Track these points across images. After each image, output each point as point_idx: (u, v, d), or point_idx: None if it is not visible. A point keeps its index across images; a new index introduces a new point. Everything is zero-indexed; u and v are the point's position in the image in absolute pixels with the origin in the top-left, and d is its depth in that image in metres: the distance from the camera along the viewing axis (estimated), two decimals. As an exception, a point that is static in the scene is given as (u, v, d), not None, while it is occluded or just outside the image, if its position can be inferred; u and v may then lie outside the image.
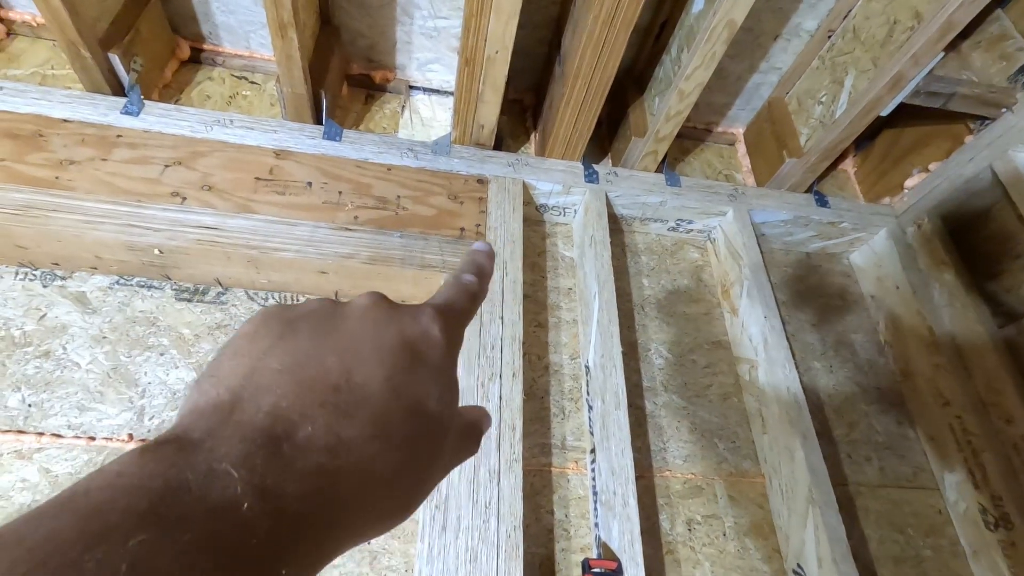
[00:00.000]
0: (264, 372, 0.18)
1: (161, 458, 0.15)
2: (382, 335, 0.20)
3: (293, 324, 0.20)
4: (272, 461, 0.16)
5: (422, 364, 0.20)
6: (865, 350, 0.88)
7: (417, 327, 0.21)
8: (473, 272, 0.26)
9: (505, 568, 0.53)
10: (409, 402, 0.19)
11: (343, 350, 0.19)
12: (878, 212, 0.93)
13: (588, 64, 0.70)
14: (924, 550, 0.73)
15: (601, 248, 0.77)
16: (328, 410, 0.18)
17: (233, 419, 0.17)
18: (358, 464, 0.18)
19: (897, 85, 0.73)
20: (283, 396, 0.17)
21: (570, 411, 0.73)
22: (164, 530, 0.14)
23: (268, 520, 0.15)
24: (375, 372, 0.19)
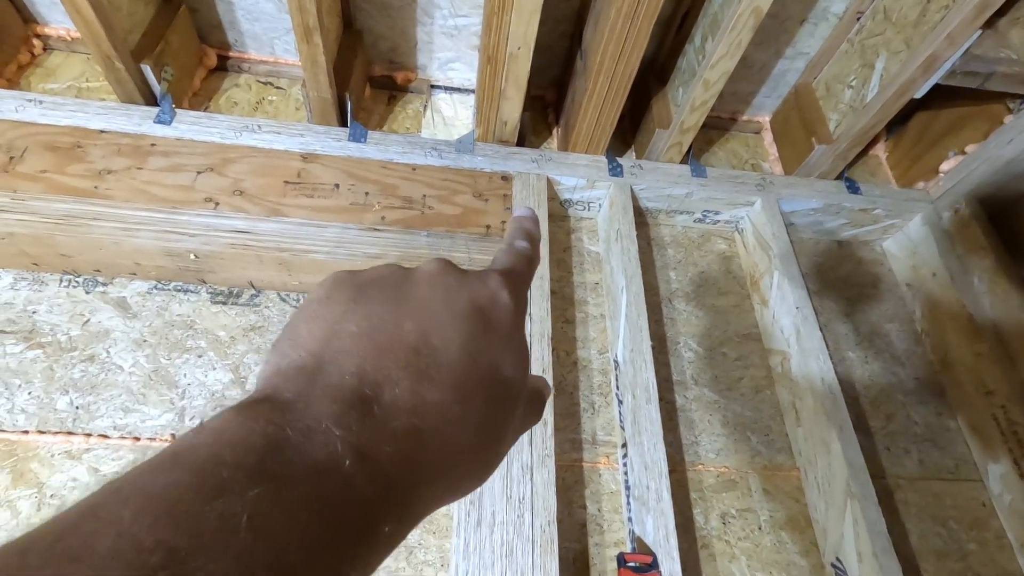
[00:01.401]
0: (343, 336, 0.18)
1: (258, 416, 0.15)
2: (455, 300, 0.20)
3: (364, 289, 0.20)
4: (365, 421, 0.16)
5: (495, 329, 0.20)
6: (901, 340, 0.86)
7: (487, 291, 0.21)
8: (524, 238, 0.26)
9: (540, 562, 0.53)
10: (486, 367, 0.20)
11: (418, 315, 0.19)
12: (912, 197, 0.90)
13: (611, 57, 0.70)
14: (968, 544, 0.71)
15: (627, 242, 0.77)
16: (411, 372, 0.18)
17: (320, 381, 0.17)
18: (442, 426, 0.18)
19: (931, 66, 0.71)
20: (365, 359, 0.18)
21: (600, 406, 0.72)
22: (275, 485, 0.14)
23: (366, 479, 0.15)
24: (452, 336, 0.19)
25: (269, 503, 0.14)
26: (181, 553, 0.12)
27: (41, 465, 0.59)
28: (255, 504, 0.13)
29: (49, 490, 0.58)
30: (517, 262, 0.24)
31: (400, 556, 0.59)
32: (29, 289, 0.69)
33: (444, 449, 0.18)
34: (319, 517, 0.14)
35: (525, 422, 0.23)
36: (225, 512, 0.13)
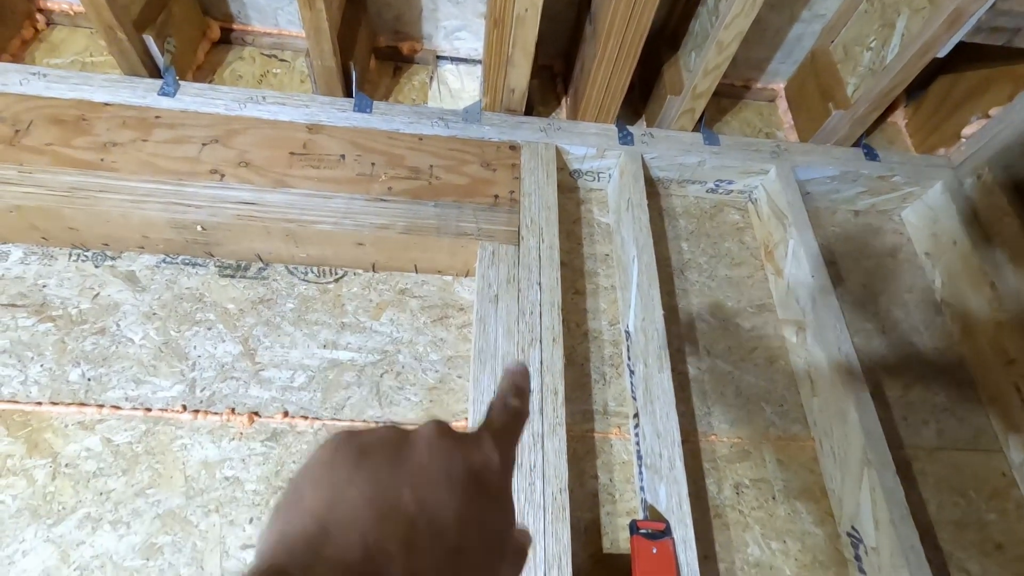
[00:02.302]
0: (346, 503, 0.19)
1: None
2: (450, 466, 0.22)
3: (365, 452, 0.21)
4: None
5: (486, 493, 0.22)
6: (920, 310, 0.84)
7: (480, 455, 0.23)
8: (515, 394, 0.27)
9: (552, 529, 0.53)
10: (477, 529, 0.21)
11: (416, 483, 0.20)
12: (933, 164, 0.87)
13: (621, 19, 0.68)
14: (988, 514, 0.70)
15: (639, 211, 0.75)
16: (408, 548, 0.19)
17: (325, 554, 0.18)
18: None
19: (956, 22, 0.68)
20: (368, 531, 0.19)
21: (611, 377, 0.72)
22: None
23: None
24: (447, 503, 0.20)
25: None
26: None
27: (55, 435, 0.60)
28: None
29: (64, 459, 0.59)
30: (508, 421, 0.25)
31: (412, 525, 0.59)
32: (39, 263, 0.69)
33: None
34: None
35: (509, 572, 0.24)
36: None
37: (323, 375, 0.67)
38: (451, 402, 0.67)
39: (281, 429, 0.63)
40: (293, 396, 0.65)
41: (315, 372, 0.67)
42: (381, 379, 0.67)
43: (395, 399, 0.66)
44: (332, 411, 0.65)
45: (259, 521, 0.58)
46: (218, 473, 0.60)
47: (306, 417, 0.64)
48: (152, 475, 0.59)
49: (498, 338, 0.63)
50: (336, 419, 0.64)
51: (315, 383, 0.66)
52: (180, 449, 0.61)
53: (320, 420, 0.64)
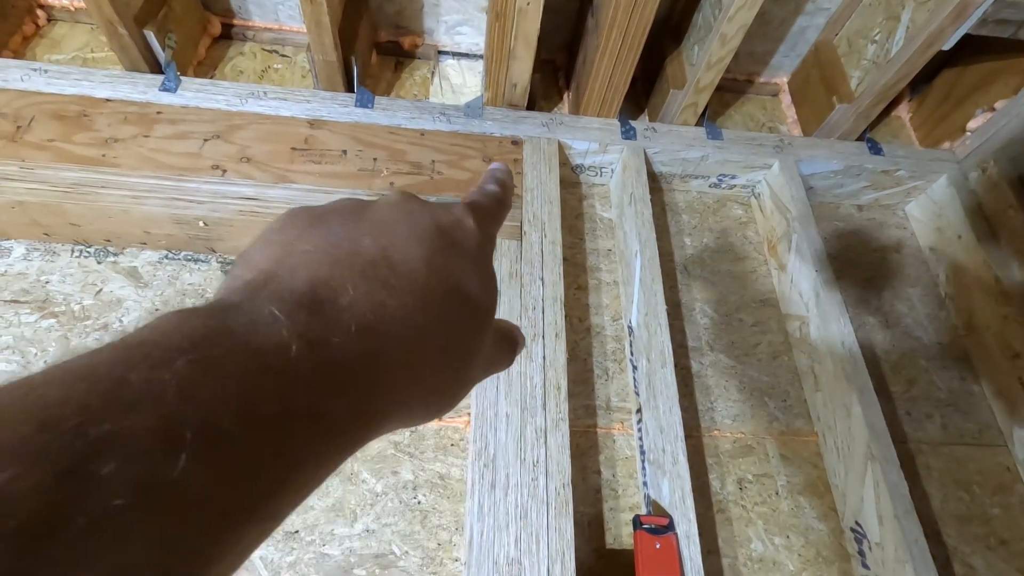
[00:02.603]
0: (296, 254, 0.17)
1: (200, 312, 0.15)
2: (416, 221, 0.20)
3: (322, 216, 0.19)
4: (316, 317, 0.15)
5: (459, 250, 0.20)
6: (924, 304, 0.84)
7: (450, 216, 0.21)
8: (495, 183, 0.26)
9: (556, 524, 0.53)
10: (451, 284, 0.19)
11: (378, 232, 0.19)
12: (937, 158, 0.87)
13: (624, 11, 0.67)
14: (992, 508, 0.70)
15: (641, 205, 0.75)
16: (369, 280, 0.17)
17: (268, 287, 0.16)
18: (403, 332, 0.17)
19: (962, 15, 0.67)
20: (319, 269, 0.17)
21: (614, 372, 0.72)
22: (210, 361, 0.13)
23: (314, 366, 0.14)
24: (413, 251, 0.19)
25: (202, 373, 0.13)
26: (94, 408, 0.11)
27: (59, 431, 0.60)
28: (186, 371, 0.12)
29: (67, 455, 0.59)
30: (486, 200, 0.24)
31: (415, 520, 0.59)
32: (41, 259, 0.69)
33: (405, 355, 0.17)
34: (259, 393, 0.13)
35: (495, 358, 0.22)
36: (151, 378, 0.12)
37: (326, 371, 0.66)
38: (454, 397, 0.67)
39: (284, 425, 0.63)
40: (296, 392, 0.65)
41: (318, 368, 0.66)
42: (384, 375, 0.67)
43: (398, 395, 0.66)
44: (335, 407, 0.64)
45: (262, 516, 0.58)
46: (221, 468, 0.60)
47: (309, 413, 0.64)
48: (156, 471, 0.59)
49: (501, 333, 0.62)
50: (339, 415, 0.64)
51: (318, 379, 0.66)
52: (183, 445, 0.61)
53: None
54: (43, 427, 0.11)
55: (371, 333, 0.16)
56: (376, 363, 0.16)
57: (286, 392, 0.14)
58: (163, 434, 0.11)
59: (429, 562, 0.57)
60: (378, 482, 0.61)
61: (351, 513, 0.59)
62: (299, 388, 0.14)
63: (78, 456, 0.10)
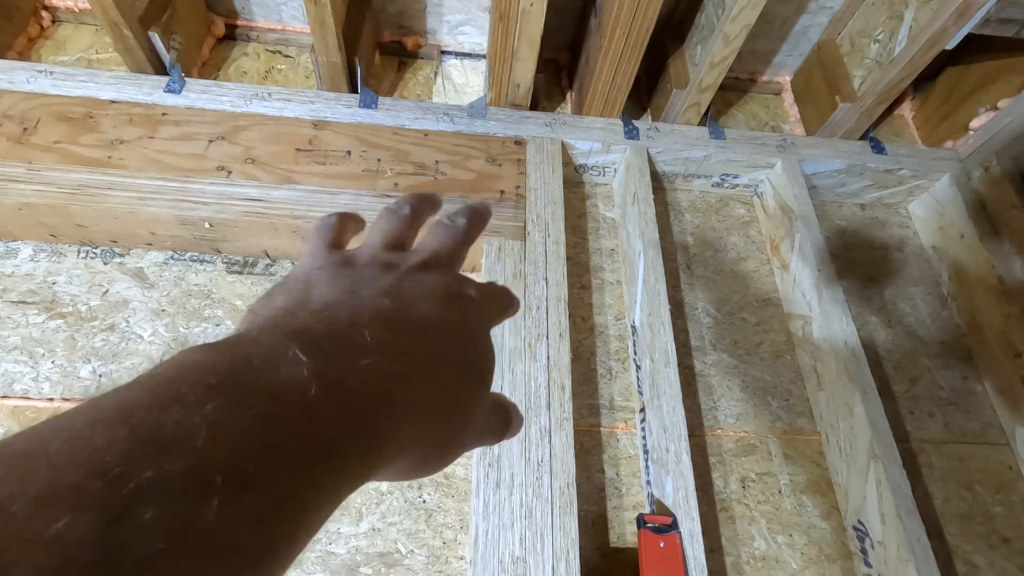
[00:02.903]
0: (317, 299, 0.19)
1: (223, 348, 0.15)
2: (432, 290, 0.21)
3: (345, 271, 0.21)
4: (334, 359, 0.16)
5: (465, 320, 0.22)
6: (927, 303, 0.84)
7: (459, 289, 0.22)
8: (464, 215, 0.27)
9: (560, 523, 0.53)
10: (459, 348, 0.21)
11: (397, 293, 0.20)
12: (940, 157, 0.87)
13: (627, 12, 0.67)
14: (994, 507, 0.70)
15: (644, 205, 0.75)
16: (385, 330, 0.18)
17: (290, 326, 0.17)
18: (414, 382, 0.18)
19: (965, 14, 0.67)
20: (339, 313, 0.18)
21: (617, 372, 0.72)
22: (236, 401, 0.13)
23: (332, 406, 0.15)
24: (429, 315, 0.20)
25: (229, 416, 0.13)
26: (136, 454, 0.12)
27: (67, 431, 0.60)
28: (214, 414, 0.13)
29: (76, 455, 0.59)
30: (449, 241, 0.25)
31: (420, 519, 0.60)
32: (48, 260, 0.69)
33: (411, 407, 0.18)
34: (280, 434, 0.14)
35: (489, 426, 0.23)
36: (183, 421, 0.13)
37: (331, 371, 0.67)
38: (458, 397, 0.67)
39: (290, 424, 0.63)
40: (301, 391, 0.65)
41: (323, 368, 0.67)
42: (388, 374, 0.68)
43: (402, 394, 0.67)
44: (340, 406, 0.65)
45: (269, 515, 0.58)
46: (228, 468, 0.60)
47: (314, 412, 0.64)
48: (163, 470, 0.59)
49: (504, 333, 0.63)
50: (344, 414, 0.64)
51: (323, 379, 0.66)
52: (190, 444, 0.61)
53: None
54: (91, 475, 0.11)
55: (385, 380, 0.17)
56: (388, 408, 0.17)
57: (305, 433, 0.14)
58: (196, 479, 0.12)
59: (434, 560, 0.58)
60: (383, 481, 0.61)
61: (357, 512, 0.59)
62: (318, 429, 0.14)
63: (124, 503, 0.11)
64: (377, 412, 0.16)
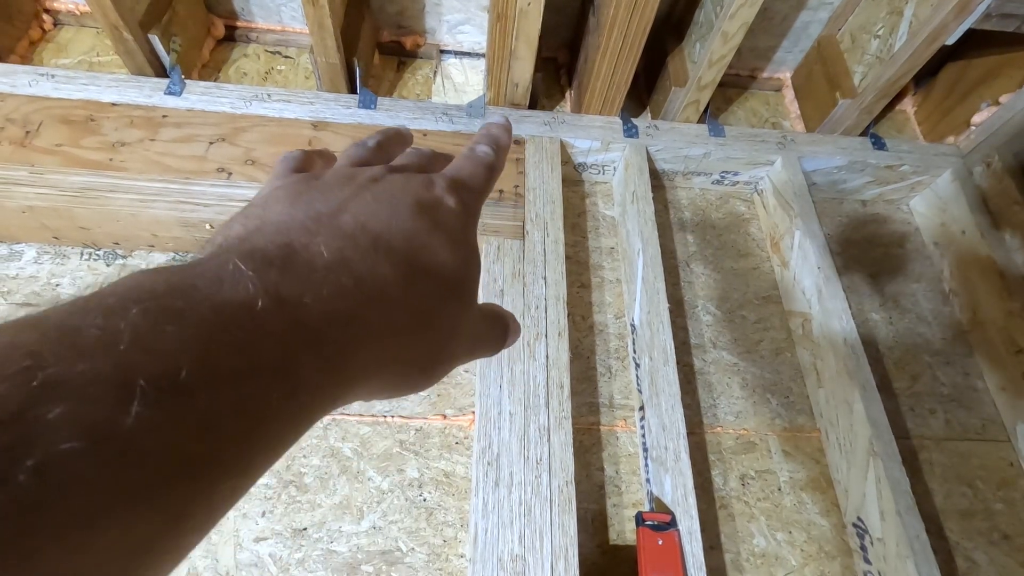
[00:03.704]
0: (273, 222, 0.18)
1: (164, 270, 0.14)
2: (398, 199, 0.20)
3: (304, 191, 0.20)
4: (287, 276, 0.15)
5: (440, 229, 0.20)
6: (928, 300, 0.84)
7: (431, 195, 0.21)
8: (489, 144, 0.25)
9: (559, 521, 0.54)
10: (430, 261, 0.19)
11: (358, 209, 0.19)
12: (942, 152, 0.87)
13: (624, 10, 0.67)
14: (995, 503, 0.70)
15: (643, 203, 0.75)
16: (346, 248, 0.17)
17: (240, 249, 0.16)
18: (380, 300, 0.17)
19: (965, 9, 0.67)
20: (294, 234, 0.17)
21: (617, 370, 0.72)
22: (170, 311, 0.13)
23: (283, 322, 0.14)
24: (393, 227, 0.19)
25: (160, 324, 0.12)
26: (45, 353, 0.11)
27: (72, 431, 0.61)
28: (142, 321, 0.12)
29: (80, 455, 0.60)
30: (474, 169, 0.24)
31: (420, 517, 0.60)
32: (52, 263, 0.70)
33: (381, 323, 0.17)
34: (221, 345, 0.13)
35: (482, 338, 0.23)
36: (104, 326, 0.12)
37: (332, 370, 0.67)
38: (458, 396, 0.68)
39: (291, 424, 0.64)
40: (302, 391, 0.66)
41: (324, 367, 0.67)
42: (389, 374, 0.68)
43: (403, 393, 0.67)
44: (341, 406, 0.65)
45: (271, 514, 0.59)
46: (230, 467, 0.61)
47: (316, 412, 0.65)
48: (166, 470, 0.60)
49: (504, 333, 0.63)
50: (345, 413, 0.65)
51: (324, 378, 0.67)
52: (193, 444, 0.62)
53: (329, 415, 0.65)
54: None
55: (345, 296, 0.16)
56: (350, 326, 0.16)
57: (250, 346, 0.14)
58: (115, 381, 0.11)
59: (435, 558, 0.58)
60: (384, 480, 0.62)
61: (358, 511, 0.60)
62: (265, 343, 0.14)
63: (24, 401, 0.10)
64: (339, 328, 0.16)
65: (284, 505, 0.60)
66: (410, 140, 0.27)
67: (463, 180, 0.23)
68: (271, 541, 0.58)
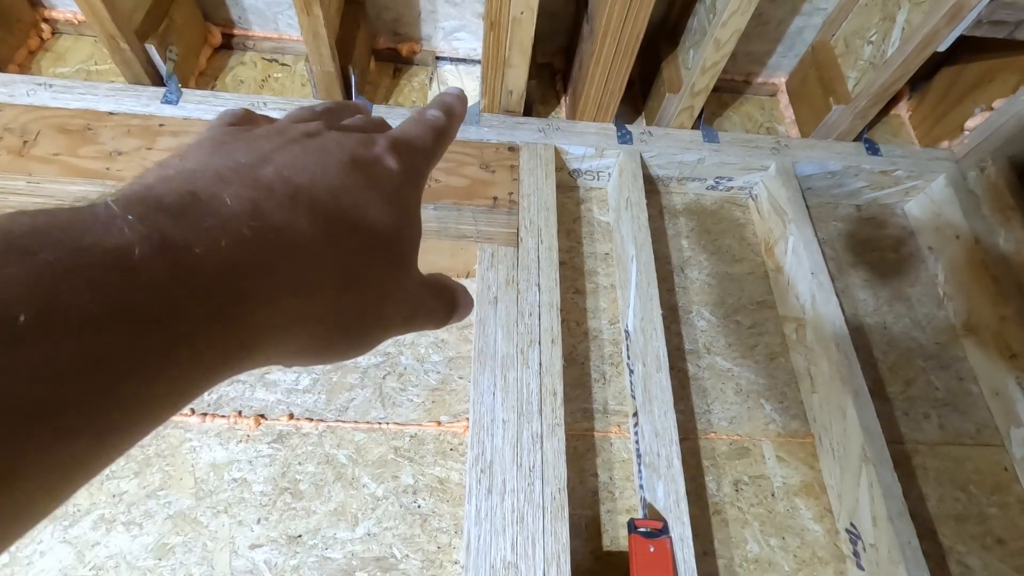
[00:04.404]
0: (184, 172, 0.16)
1: (30, 212, 0.13)
2: (329, 153, 0.19)
3: (228, 143, 0.19)
4: (178, 223, 0.14)
5: (374, 188, 0.19)
6: (922, 304, 0.84)
7: (369, 152, 0.20)
8: (440, 109, 0.24)
9: (552, 528, 0.54)
10: (357, 218, 0.18)
11: (283, 162, 0.18)
12: (936, 157, 0.87)
13: (617, 19, 0.68)
14: (989, 508, 0.70)
15: (637, 210, 0.76)
16: (262, 196, 0.16)
17: (137, 192, 0.15)
18: (294, 256, 0.16)
19: (957, 16, 0.67)
20: (199, 184, 0.16)
21: (611, 376, 0.72)
22: (18, 248, 0.12)
23: (166, 274, 0.13)
24: (319, 182, 0.18)
25: (3, 264, 0.11)
26: None
27: (69, 439, 0.61)
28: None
29: (78, 463, 0.60)
30: (421, 131, 0.23)
31: (415, 524, 0.61)
32: (50, 271, 0.70)
33: (294, 280, 0.16)
34: (77, 288, 0.12)
35: (423, 309, 0.21)
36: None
37: (327, 377, 0.68)
38: (453, 402, 0.68)
39: (287, 431, 0.64)
40: (298, 398, 0.66)
41: (319, 374, 0.68)
42: (384, 380, 0.68)
43: (398, 400, 0.67)
44: (336, 412, 0.66)
45: (266, 521, 0.59)
46: (226, 475, 0.61)
47: (311, 419, 0.65)
48: (163, 477, 0.61)
49: (497, 340, 0.64)
50: (340, 420, 0.65)
51: (319, 385, 0.67)
52: (189, 451, 0.62)
53: (324, 422, 0.65)
54: None
55: (248, 248, 0.15)
56: (253, 279, 0.15)
57: (118, 294, 0.13)
58: None
59: (429, 565, 0.59)
60: (379, 487, 0.62)
61: (352, 517, 0.60)
62: (138, 292, 0.13)
63: None
64: (238, 280, 0.15)
65: (279, 512, 0.60)
66: (366, 112, 0.26)
67: (407, 141, 0.22)
68: (266, 548, 0.58)
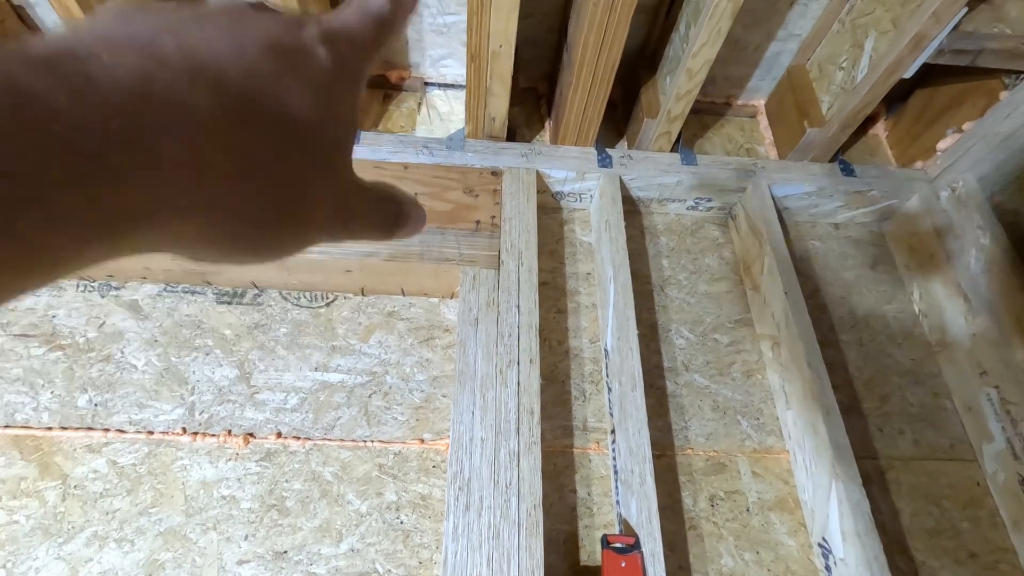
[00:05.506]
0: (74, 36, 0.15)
1: None
2: (247, 32, 0.17)
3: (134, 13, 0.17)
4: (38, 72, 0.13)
5: (298, 78, 0.17)
6: (898, 321, 0.86)
7: (296, 39, 0.18)
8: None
9: (526, 544, 0.56)
10: (274, 105, 0.17)
11: (189, 33, 0.16)
12: (910, 177, 0.89)
13: (592, 51, 0.70)
14: (961, 522, 0.71)
15: (616, 232, 0.78)
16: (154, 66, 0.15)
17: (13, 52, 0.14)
18: (183, 129, 0.15)
19: (919, 45, 0.70)
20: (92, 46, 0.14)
21: (591, 394, 0.74)
22: None
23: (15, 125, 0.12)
24: (230, 61, 0.16)
25: None
26: None
27: (65, 458, 0.64)
28: None
29: (73, 481, 0.63)
30: (360, 20, 0.20)
31: (398, 539, 0.63)
32: (48, 295, 0.73)
33: (181, 155, 0.15)
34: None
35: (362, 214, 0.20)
36: None
37: (314, 397, 0.70)
38: (436, 420, 0.70)
39: (275, 449, 0.67)
40: (286, 417, 0.69)
41: (307, 394, 0.70)
42: (369, 399, 0.71)
43: (383, 418, 0.70)
44: (323, 431, 0.68)
45: (254, 538, 0.62)
46: (215, 492, 0.63)
47: (298, 437, 0.67)
48: (154, 495, 0.63)
49: (477, 360, 0.66)
50: (327, 438, 0.68)
51: (307, 404, 0.70)
52: (180, 470, 0.65)
53: (311, 440, 0.67)
54: None
55: (125, 116, 0.14)
56: (122, 149, 0.14)
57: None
58: None
59: (410, 580, 0.61)
60: (363, 503, 0.64)
61: (337, 533, 0.62)
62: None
63: None
64: (109, 147, 0.14)
65: (266, 528, 0.62)
66: None
67: (343, 30, 0.20)
68: (253, 564, 0.60)
